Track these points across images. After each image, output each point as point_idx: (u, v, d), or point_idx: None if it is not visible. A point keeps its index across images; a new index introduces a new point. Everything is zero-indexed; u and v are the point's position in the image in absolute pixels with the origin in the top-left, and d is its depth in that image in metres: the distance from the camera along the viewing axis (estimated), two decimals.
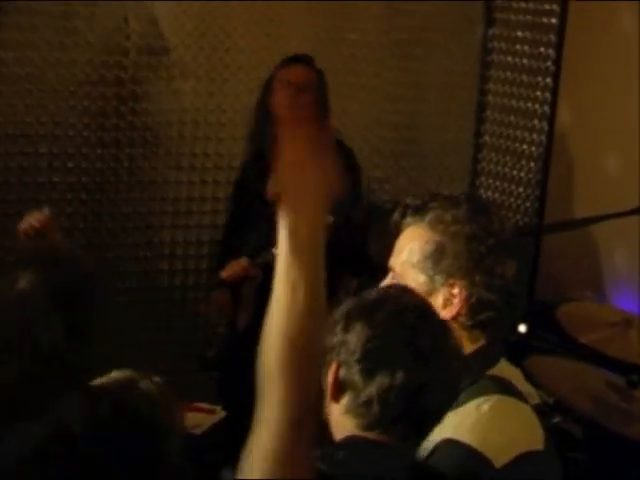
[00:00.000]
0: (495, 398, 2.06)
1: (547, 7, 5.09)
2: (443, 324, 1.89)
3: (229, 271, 3.95)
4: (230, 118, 4.84)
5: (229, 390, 4.06)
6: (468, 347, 2.13)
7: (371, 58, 4.98)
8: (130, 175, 4.65)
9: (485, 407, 2.03)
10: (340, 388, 1.80)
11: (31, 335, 2.02)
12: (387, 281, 2.22)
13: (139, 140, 4.64)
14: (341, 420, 1.82)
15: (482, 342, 2.16)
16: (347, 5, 5.00)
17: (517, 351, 3.98)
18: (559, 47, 5.04)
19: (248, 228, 4.06)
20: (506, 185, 5.43)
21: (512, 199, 5.39)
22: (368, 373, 1.76)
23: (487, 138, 5.54)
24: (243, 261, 3.92)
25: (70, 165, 4.50)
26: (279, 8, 4.84)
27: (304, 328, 1.55)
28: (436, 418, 1.81)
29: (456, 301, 2.11)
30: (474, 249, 2.11)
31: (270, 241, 3.84)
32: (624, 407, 3.44)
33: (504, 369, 2.22)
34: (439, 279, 2.12)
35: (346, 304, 1.91)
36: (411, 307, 1.85)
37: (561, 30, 5.02)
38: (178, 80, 4.69)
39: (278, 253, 1.59)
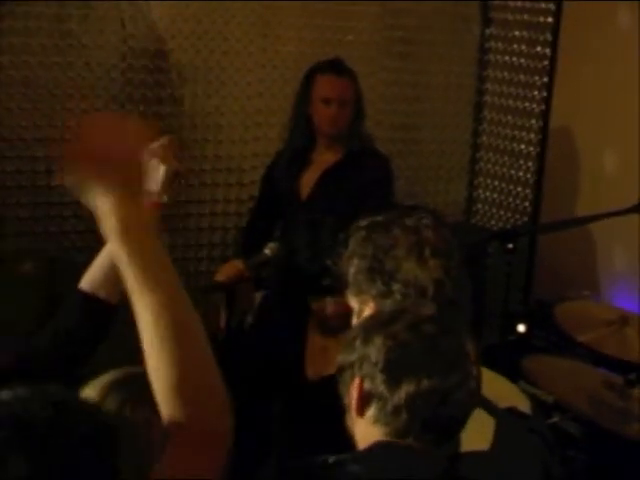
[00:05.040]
0: None
1: (543, 6, 5.10)
2: (461, 331, 1.89)
3: (224, 274, 3.93)
4: (228, 120, 4.84)
5: None
6: None
7: (367, 58, 4.98)
8: None
9: None
10: (365, 401, 1.81)
11: None
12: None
13: None
14: (369, 430, 1.82)
15: None
16: (343, 6, 5.01)
17: (515, 350, 4.00)
18: (555, 46, 5.05)
19: (275, 217, 4.06)
20: (504, 185, 5.44)
21: (510, 199, 5.39)
22: (393, 382, 1.77)
23: (485, 138, 5.55)
24: (237, 263, 3.91)
25: None
26: (275, 10, 4.85)
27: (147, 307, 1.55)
28: (461, 424, 1.82)
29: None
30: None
31: (286, 235, 3.84)
32: (622, 406, 3.44)
33: None
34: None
35: (362, 320, 1.95)
36: (428, 318, 1.85)
37: (556, 29, 5.03)
38: (175, 83, 4.69)
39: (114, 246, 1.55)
